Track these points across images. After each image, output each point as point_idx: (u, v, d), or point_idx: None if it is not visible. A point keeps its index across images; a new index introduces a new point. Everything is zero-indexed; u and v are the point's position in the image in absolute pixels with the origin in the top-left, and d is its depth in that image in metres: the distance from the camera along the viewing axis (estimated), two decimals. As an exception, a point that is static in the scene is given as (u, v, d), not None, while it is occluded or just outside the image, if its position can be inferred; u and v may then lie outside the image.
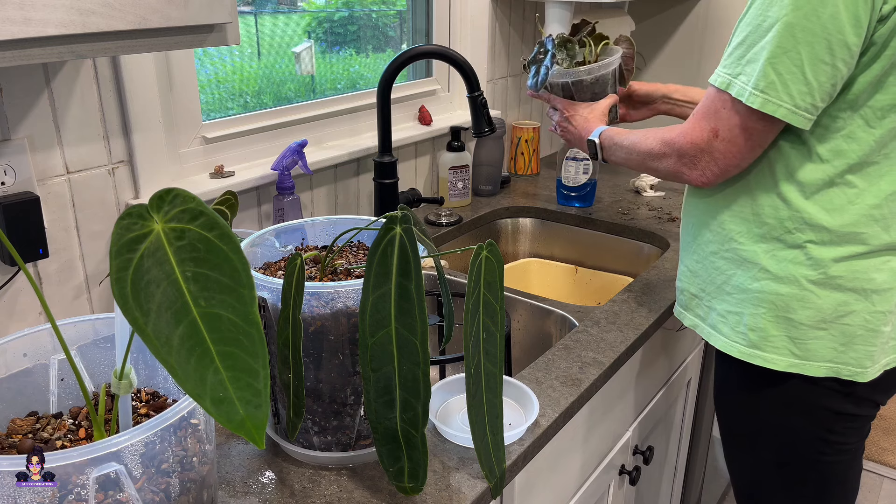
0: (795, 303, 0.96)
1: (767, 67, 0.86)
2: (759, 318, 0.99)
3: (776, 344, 0.99)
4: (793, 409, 1.02)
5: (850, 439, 1.03)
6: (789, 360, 0.98)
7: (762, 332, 0.99)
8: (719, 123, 0.93)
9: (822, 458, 1.04)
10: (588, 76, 1.28)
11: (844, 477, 1.07)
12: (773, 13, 0.85)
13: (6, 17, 0.62)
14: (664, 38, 2.24)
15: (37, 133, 0.98)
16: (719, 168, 0.96)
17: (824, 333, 0.96)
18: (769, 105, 0.87)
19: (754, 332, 1.00)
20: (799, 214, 0.94)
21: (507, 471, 0.85)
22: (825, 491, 1.07)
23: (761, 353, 1.00)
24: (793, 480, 1.08)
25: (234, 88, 1.44)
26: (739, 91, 0.89)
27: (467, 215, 1.69)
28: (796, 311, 0.96)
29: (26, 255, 0.97)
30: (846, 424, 1.02)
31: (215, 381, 0.50)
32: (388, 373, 0.73)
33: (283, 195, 1.30)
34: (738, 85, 0.89)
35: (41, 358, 0.71)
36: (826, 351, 0.97)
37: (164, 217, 0.52)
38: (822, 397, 1.00)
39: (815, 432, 1.02)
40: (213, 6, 0.77)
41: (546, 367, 1.05)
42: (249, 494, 0.81)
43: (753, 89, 0.87)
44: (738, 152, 0.93)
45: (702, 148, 0.95)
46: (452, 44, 1.79)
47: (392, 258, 0.70)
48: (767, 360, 1.00)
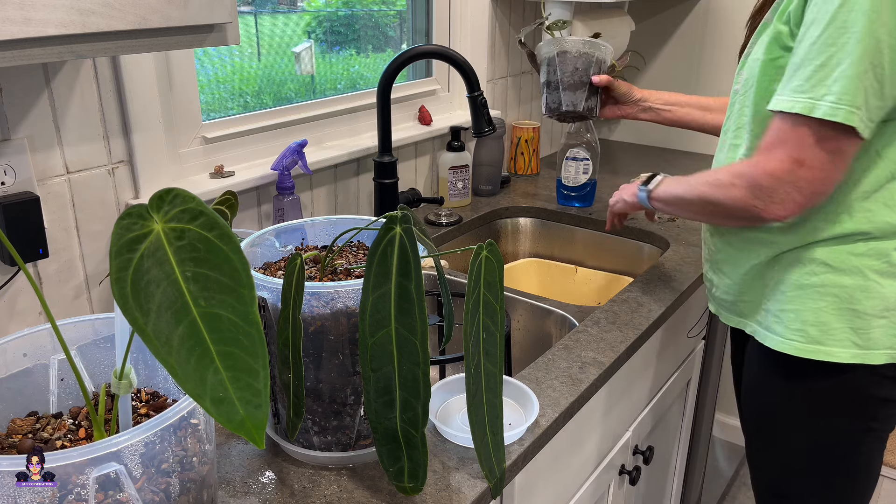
0: (860, 293, 0.97)
1: (857, 84, 0.85)
2: (822, 312, 0.99)
3: (838, 336, 0.99)
4: (844, 400, 1.02)
5: (887, 427, 1.05)
6: (852, 351, 0.98)
7: (824, 325, 0.99)
8: (803, 152, 0.89)
9: (860, 449, 1.05)
10: (573, 49, 1.36)
11: (872, 466, 1.08)
12: (857, 28, 0.84)
13: (6, 17, 0.62)
14: (664, 38, 2.24)
15: (37, 133, 0.98)
16: (805, 198, 0.91)
17: (886, 321, 0.97)
18: (862, 123, 0.86)
19: (815, 327, 0.99)
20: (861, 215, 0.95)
21: (507, 471, 0.85)
22: (854, 480, 1.08)
23: (823, 348, 0.99)
24: (826, 470, 1.08)
25: (235, 88, 1.44)
26: (829, 111, 0.86)
27: (467, 215, 1.69)
28: (861, 301, 0.97)
29: (26, 255, 0.97)
30: (889, 411, 1.03)
31: (215, 381, 0.50)
32: (388, 373, 0.73)
33: (283, 195, 1.30)
34: (825, 106, 0.86)
35: (41, 358, 0.71)
36: (886, 338, 0.97)
37: (164, 217, 0.52)
38: (875, 385, 1.00)
39: (861, 422, 1.03)
40: (213, 6, 0.77)
41: (546, 367, 1.05)
42: (249, 494, 0.81)
43: (848, 106, 0.85)
44: (827, 177, 0.90)
45: (783, 179, 0.91)
46: (452, 44, 1.79)
47: (392, 258, 0.70)
48: (830, 353, 0.99)
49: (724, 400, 1.89)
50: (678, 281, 1.34)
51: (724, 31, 2.12)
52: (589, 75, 1.37)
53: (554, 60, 1.38)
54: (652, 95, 1.41)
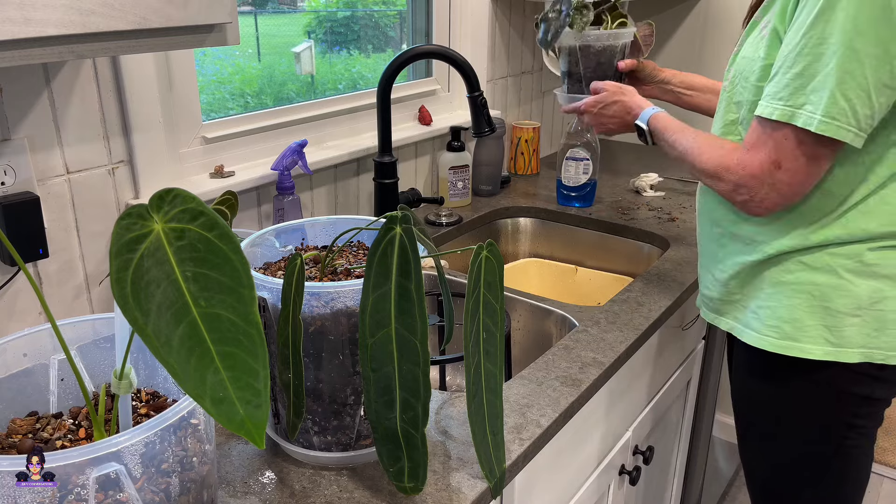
0: (832, 291, 0.98)
1: (837, 94, 0.86)
2: (795, 310, 1.00)
3: (811, 333, 1.00)
4: (822, 397, 1.03)
5: (870, 423, 1.06)
6: (825, 349, 1.00)
7: (798, 322, 1.00)
8: (781, 155, 0.92)
9: (845, 443, 1.05)
10: (596, 42, 1.29)
11: (860, 462, 1.09)
12: (834, 40, 0.85)
13: (6, 17, 0.62)
14: (664, 38, 2.24)
15: (37, 133, 0.98)
16: (782, 197, 0.95)
17: (858, 320, 0.98)
18: (841, 131, 0.87)
19: (789, 324, 1.01)
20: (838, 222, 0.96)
21: (507, 471, 0.85)
22: (844, 476, 1.09)
23: (797, 344, 1.01)
24: (815, 468, 1.09)
25: (236, 89, 1.44)
26: (807, 121, 0.88)
27: (467, 215, 1.69)
28: (833, 299, 0.98)
29: (26, 255, 0.97)
30: (870, 409, 1.04)
31: (215, 381, 0.50)
32: (388, 373, 0.73)
33: (283, 195, 1.30)
34: (804, 115, 0.88)
35: (41, 358, 0.71)
36: (860, 337, 0.98)
37: (164, 217, 0.52)
38: (851, 382, 1.01)
39: (842, 418, 1.04)
40: (213, 6, 0.77)
41: (546, 367, 1.05)
42: (249, 494, 0.81)
43: (823, 117, 0.87)
44: (803, 180, 0.93)
45: (762, 180, 0.94)
46: (452, 44, 1.79)
47: (392, 258, 0.70)
48: (803, 350, 1.00)
49: (724, 400, 1.88)
50: (678, 281, 1.34)
51: (724, 31, 2.12)
52: (613, 66, 1.33)
53: (576, 52, 1.32)
54: (675, 77, 1.38)
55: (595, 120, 1.29)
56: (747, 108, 1.00)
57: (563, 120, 2.25)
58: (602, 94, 1.27)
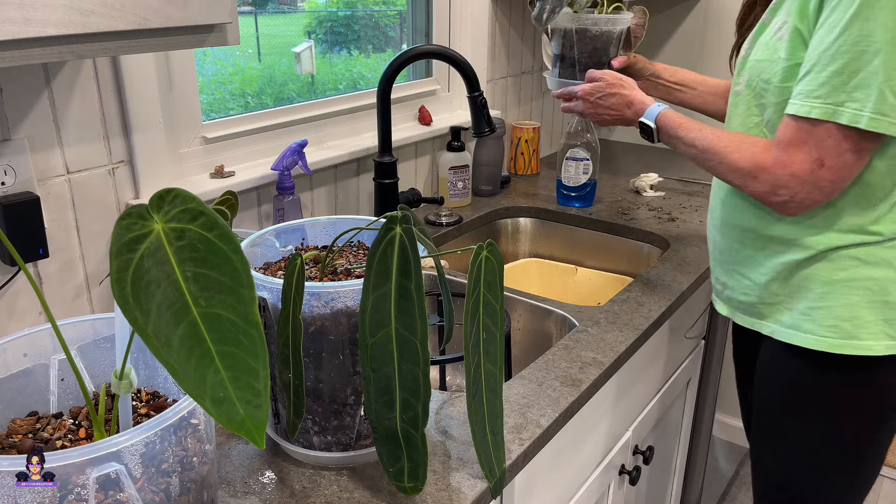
0: (891, 285, 0.98)
1: (886, 90, 0.86)
2: (854, 307, 0.99)
3: (872, 329, 0.99)
4: (869, 392, 1.03)
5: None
6: (886, 343, 0.99)
7: (857, 320, 0.99)
8: (823, 152, 0.91)
9: (875, 437, 1.06)
10: (594, 27, 1.25)
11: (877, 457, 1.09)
12: (878, 37, 0.85)
13: (6, 17, 0.62)
14: (664, 38, 2.24)
15: (37, 133, 0.98)
16: (824, 195, 0.94)
17: None
18: (893, 127, 0.87)
19: (849, 322, 1.00)
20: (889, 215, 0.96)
21: (507, 471, 0.85)
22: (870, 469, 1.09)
23: (859, 342, 1.00)
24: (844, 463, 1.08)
25: (236, 89, 1.44)
26: (852, 118, 0.88)
27: (467, 215, 1.69)
28: (892, 292, 0.98)
29: (26, 255, 0.97)
30: None
31: (215, 381, 0.50)
32: (388, 373, 0.73)
33: (283, 195, 1.30)
34: (848, 112, 0.88)
35: (41, 358, 0.71)
36: None
37: (165, 217, 0.52)
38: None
39: (882, 412, 1.04)
40: (213, 6, 0.77)
41: (546, 367, 1.05)
42: (249, 494, 0.81)
43: (873, 113, 0.87)
44: (845, 176, 0.93)
45: (804, 179, 0.93)
46: (452, 44, 1.79)
47: (392, 258, 0.70)
48: (864, 347, 1.00)
49: (724, 400, 1.89)
50: (678, 281, 1.34)
51: (724, 31, 2.12)
52: (608, 54, 1.29)
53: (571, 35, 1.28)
54: (666, 71, 1.34)
55: (591, 108, 1.24)
56: (773, 110, 0.99)
57: (563, 120, 2.25)
58: (600, 83, 1.22)
